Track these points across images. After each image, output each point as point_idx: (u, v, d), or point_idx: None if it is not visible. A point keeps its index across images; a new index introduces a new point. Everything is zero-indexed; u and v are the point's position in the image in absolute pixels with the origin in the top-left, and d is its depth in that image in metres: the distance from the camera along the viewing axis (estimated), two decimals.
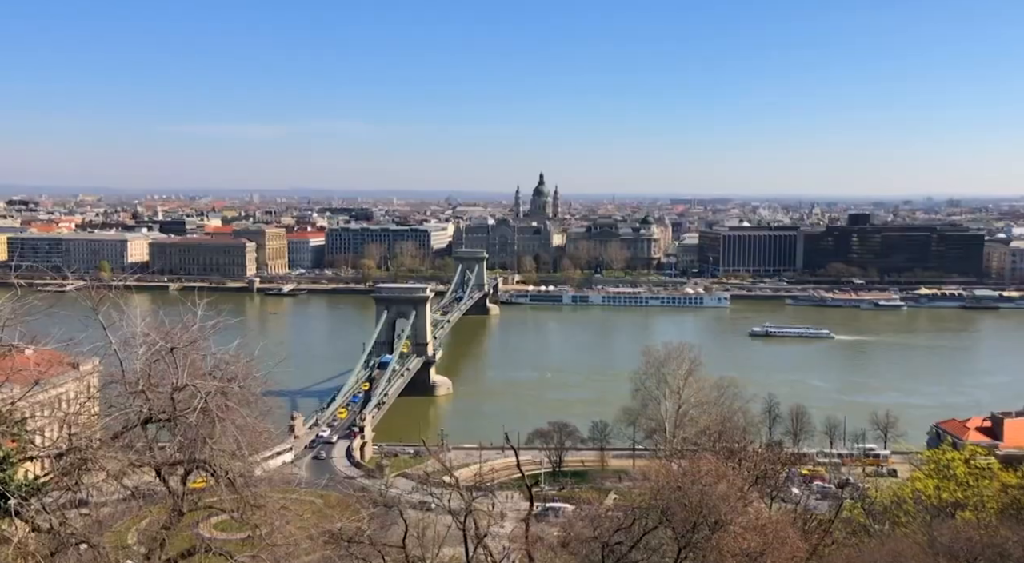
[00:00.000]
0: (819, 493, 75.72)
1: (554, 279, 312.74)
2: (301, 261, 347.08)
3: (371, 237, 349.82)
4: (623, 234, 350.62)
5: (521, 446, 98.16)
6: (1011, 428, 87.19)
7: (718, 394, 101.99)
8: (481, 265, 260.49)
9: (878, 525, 46.42)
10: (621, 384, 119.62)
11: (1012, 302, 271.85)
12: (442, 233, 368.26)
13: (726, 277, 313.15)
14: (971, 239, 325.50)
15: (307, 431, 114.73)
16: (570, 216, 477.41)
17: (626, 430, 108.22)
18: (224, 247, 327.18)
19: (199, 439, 17.77)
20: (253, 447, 19.01)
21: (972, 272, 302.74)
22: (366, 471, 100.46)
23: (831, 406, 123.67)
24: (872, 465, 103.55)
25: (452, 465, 77.43)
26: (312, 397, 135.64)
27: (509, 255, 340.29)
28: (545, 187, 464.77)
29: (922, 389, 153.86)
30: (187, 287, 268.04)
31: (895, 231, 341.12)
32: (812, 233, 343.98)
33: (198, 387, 17.63)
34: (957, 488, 50.03)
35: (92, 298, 19.05)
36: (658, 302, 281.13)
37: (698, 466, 35.97)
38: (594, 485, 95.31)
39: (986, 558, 26.00)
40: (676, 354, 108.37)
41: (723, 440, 61.98)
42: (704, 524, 30.24)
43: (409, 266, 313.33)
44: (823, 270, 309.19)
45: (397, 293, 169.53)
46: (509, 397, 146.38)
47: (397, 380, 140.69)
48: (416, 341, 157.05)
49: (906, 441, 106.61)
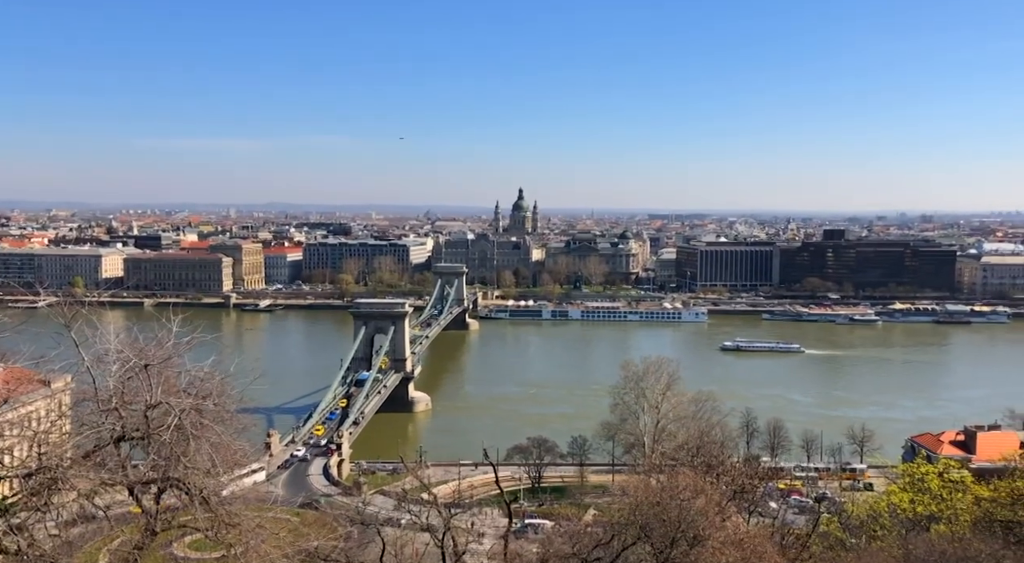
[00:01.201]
0: (796, 507, 76.09)
1: (533, 294, 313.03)
2: (278, 276, 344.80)
3: (349, 252, 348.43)
4: (602, 249, 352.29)
5: (500, 462, 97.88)
6: (984, 442, 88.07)
7: (696, 408, 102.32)
8: (460, 280, 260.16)
9: (855, 539, 46.69)
10: (600, 399, 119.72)
11: (983, 316, 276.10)
12: (421, 248, 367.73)
13: (703, 292, 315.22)
14: (943, 255, 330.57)
15: (283, 448, 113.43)
16: (549, 231, 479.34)
17: (605, 445, 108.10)
18: (200, 262, 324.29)
19: (173, 457, 17.54)
20: (228, 465, 18.80)
21: (945, 287, 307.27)
22: (343, 488, 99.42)
23: (808, 420, 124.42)
24: (849, 479, 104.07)
25: (430, 482, 77.09)
26: (289, 414, 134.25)
27: (488, 270, 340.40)
28: (524, 202, 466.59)
29: (898, 403, 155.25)
30: (162, 303, 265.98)
31: (869, 247, 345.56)
32: (788, 248, 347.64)
33: (172, 404, 17.44)
34: (931, 501, 50.53)
35: (65, 314, 18.82)
36: (637, 317, 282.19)
37: (677, 481, 36.06)
38: (573, 501, 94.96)
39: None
40: (654, 369, 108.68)
41: (701, 455, 62.09)
42: (683, 539, 30.29)
43: (388, 281, 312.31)
44: (799, 285, 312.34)
45: (375, 308, 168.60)
46: (488, 413, 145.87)
47: (375, 396, 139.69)
48: (395, 357, 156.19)
49: (882, 455, 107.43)
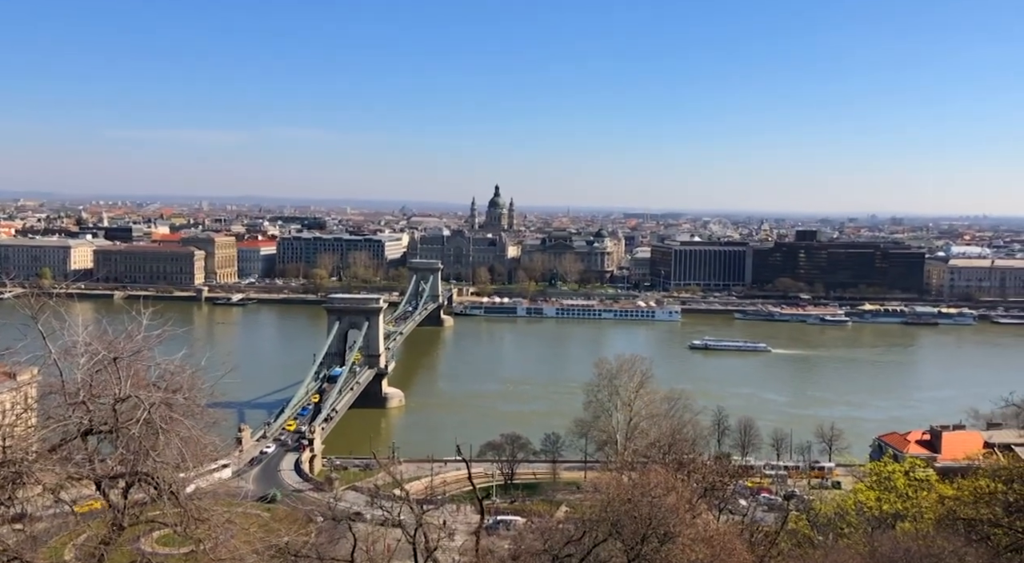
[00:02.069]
0: (766, 505, 76.92)
1: (509, 291, 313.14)
2: (251, 270, 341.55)
3: (323, 246, 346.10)
4: (577, 247, 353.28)
5: (473, 458, 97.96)
6: (949, 441, 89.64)
7: (669, 406, 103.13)
8: (436, 276, 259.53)
9: (822, 536, 47.31)
10: (574, 396, 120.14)
11: (950, 318, 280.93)
12: (396, 243, 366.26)
13: (677, 291, 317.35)
14: (912, 257, 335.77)
15: (255, 443, 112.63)
16: (525, 228, 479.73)
17: (578, 442, 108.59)
18: (172, 255, 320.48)
19: (142, 451, 17.34)
20: (198, 459, 18.63)
21: (913, 289, 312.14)
22: (315, 484, 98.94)
23: (779, 419, 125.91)
24: (817, 477, 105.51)
25: (403, 478, 76.88)
26: (260, 409, 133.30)
27: (464, 266, 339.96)
28: (501, 199, 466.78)
29: (868, 402, 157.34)
30: (132, 296, 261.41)
31: (840, 248, 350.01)
32: (761, 249, 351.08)
33: (142, 398, 17.23)
34: (897, 500, 51.30)
35: (31, 306, 18.53)
36: (611, 315, 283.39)
37: (648, 478, 36.33)
38: (546, 497, 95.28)
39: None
40: (628, 367, 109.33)
41: (673, 452, 62.68)
42: (653, 536, 30.51)
43: (362, 276, 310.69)
44: (771, 285, 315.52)
45: (349, 303, 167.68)
46: (462, 409, 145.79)
47: (348, 392, 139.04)
48: (368, 352, 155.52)
49: (850, 453, 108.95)
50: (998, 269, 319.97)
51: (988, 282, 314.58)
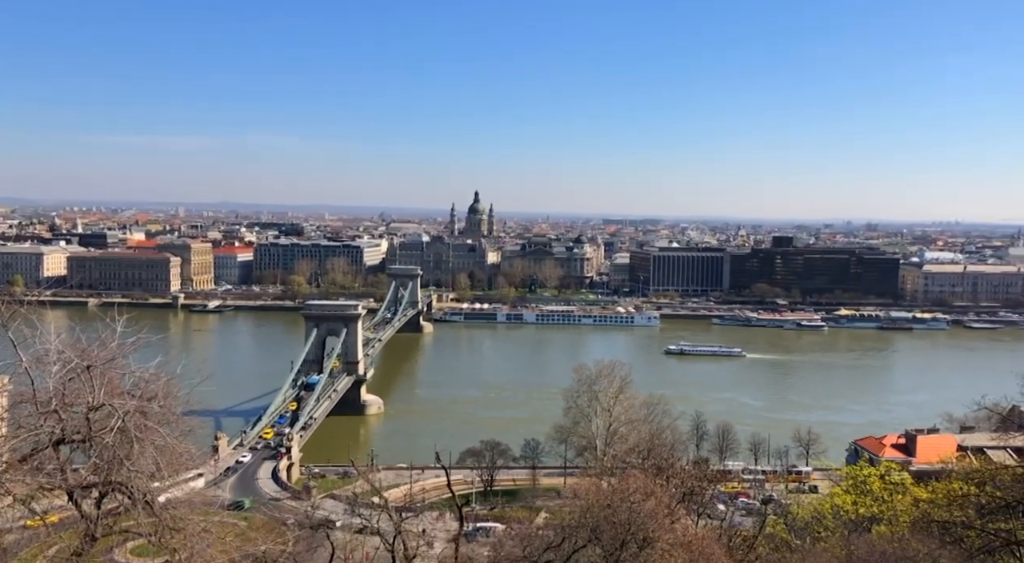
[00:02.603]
0: (744, 509, 77.40)
1: (489, 297, 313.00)
2: (228, 277, 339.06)
3: (301, 253, 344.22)
4: (557, 253, 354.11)
5: (452, 465, 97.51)
6: (923, 445, 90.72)
7: (648, 412, 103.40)
8: (415, 282, 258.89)
9: (799, 540, 47.65)
10: (554, 402, 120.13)
11: (924, 323, 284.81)
12: (375, 250, 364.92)
13: (656, 296, 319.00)
14: (887, 263, 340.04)
15: (232, 451, 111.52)
16: (505, 234, 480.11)
17: (558, 448, 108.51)
18: (147, 262, 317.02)
19: (116, 460, 17.11)
20: (173, 468, 18.42)
21: (888, 294, 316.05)
22: (292, 492, 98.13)
23: (757, 423, 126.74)
24: (794, 481, 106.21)
25: (382, 486, 76.47)
26: (237, 417, 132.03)
27: (444, 272, 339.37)
28: (480, 205, 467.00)
29: (845, 407, 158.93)
30: (107, 303, 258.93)
31: (817, 254, 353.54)
32: (738, 254, 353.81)
33: (116, 406, 17.00)
34: (873, 503, 51.90)
35: (2, 313, 18.26)
36: (590, 321, 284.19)
37: (627, 484, 36.37)
38: (525, 504, 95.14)
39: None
40: (607, 372, 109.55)
41: (652, 457, 62.69)
42: (633, 541, 30.55)
43: (341, 283, 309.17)
44: (748, 290, 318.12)
45: (328, 310, 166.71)
46: (442, 416, 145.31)
47: (326, 399, 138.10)
48: (347, 359, 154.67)
49: (827, 458, 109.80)
50: (970, 274, 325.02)
51: (961, 287, 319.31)
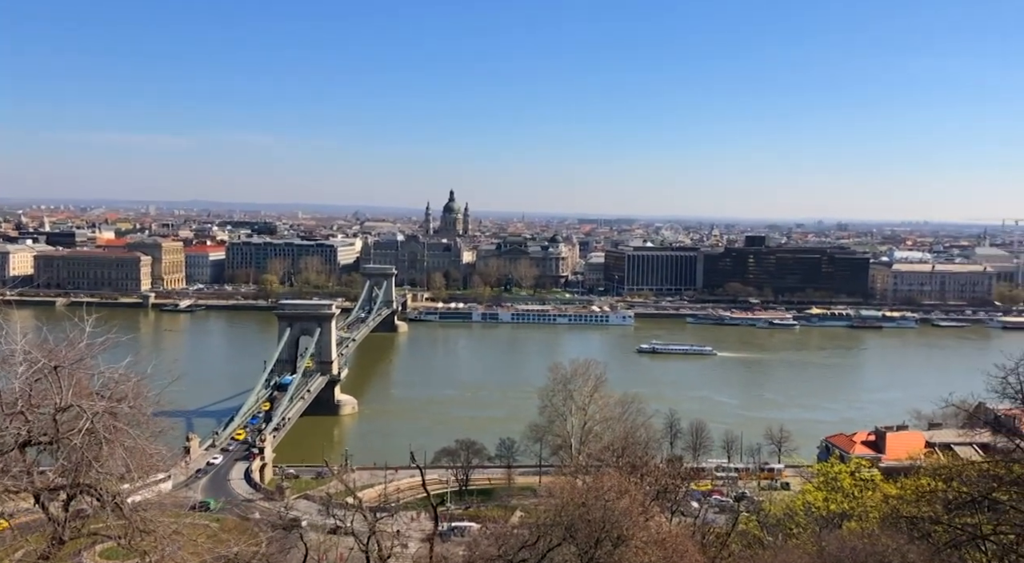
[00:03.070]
0: (717, 507, 77.96)
1: (464, 296, 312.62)
2: (200, 276, 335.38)
3: (274, 252, 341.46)
4: (532, 252, 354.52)
5: (427, 465, 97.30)
6: (893, 441, 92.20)
7: (622, 410, 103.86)
8: (389, 281, 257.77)
9: (772, 537, 48.15)
10: (530, 401, 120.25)
11: (893, 321, 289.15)
12: (349, 249, 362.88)
13: (631, 295, 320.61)
14: (858, 262, 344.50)
15: (203, 452, 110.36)
16: (480, 233, 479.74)
17: (533, 447, 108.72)
18: (117, 261, 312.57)
19: (84, 462, 16.85)
20: (144, 470, 18.20)
21: (859, 293, 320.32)
22: (265, 493, 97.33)
23: (731, 421, 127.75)
24: (767, 479, 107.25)
25: (356, 486, 76.08)
26: (209, 417, 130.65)
27: (419, 272, 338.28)
28: (456, 204, 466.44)
29: (818, 404, 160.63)
30: (75, 302, 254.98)
31: (789, 253, 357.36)
32: (711, 254, 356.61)
33: (84, 407, 16.75)
34: (844, 500, 52.57)
35: None
36: (566, 320, 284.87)
37: (602, 482, 36.52)
38: (500, 503, 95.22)
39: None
40: (582, 371, 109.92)
41: (626, 456, 63.05)
42: (607, 539, 30.69)
43: (314, 282, 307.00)
44: (722, 289, 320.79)
45: (301, 309, 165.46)
46: (417, 416, 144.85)
47: (299, 400, 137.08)
48: (320, 359, 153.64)
49: (799, 455, 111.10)
50: (938, 273, 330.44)
51: (929, 286, 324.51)
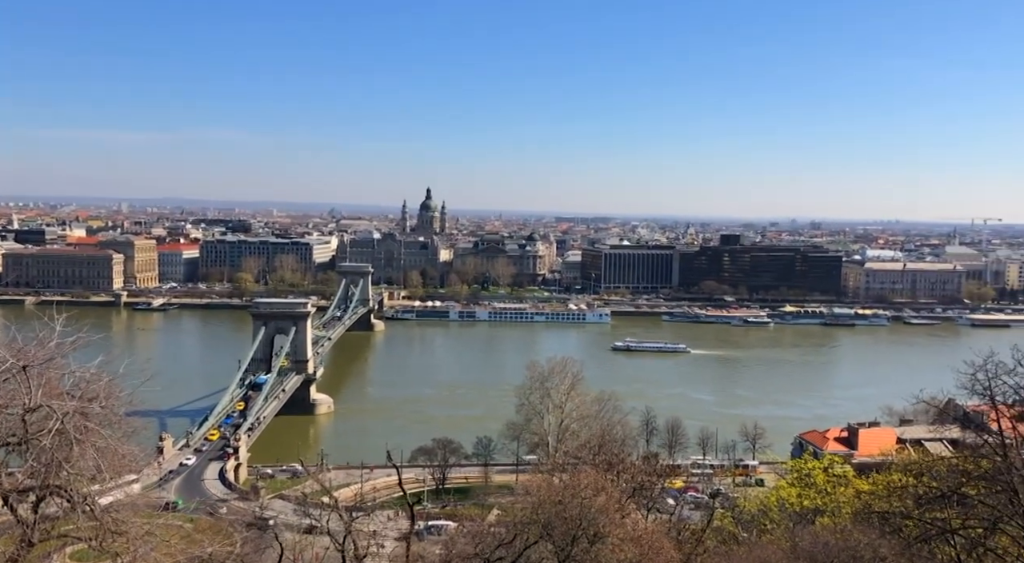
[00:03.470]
0: (692, 503, 78.60)
1: (441, 295, 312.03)
2: (173, 274, 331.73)
3: (249, 250, 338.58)
4: (509, 251, 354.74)
5: (404, 464, 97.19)
6: (865, 438, 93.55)
7: (599, 408, 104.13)
8: (366, 280, 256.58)
9: (746, 533, 48.61)
10: (508, 399, 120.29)
11: (865, 319, 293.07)
12: (325, 247, 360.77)
13: (607, 294, 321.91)
14: (831, 260, 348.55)
15: (177, 452, 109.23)
16: (457, 232, 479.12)
17: (510, 445, 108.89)
18: (88, 259, 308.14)
19: (54, 463, 16.61)
20: (116, 470, 17.97)
21: (832, 291, 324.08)
22: (240, 493, 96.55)
23: (706, 418, 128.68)
24: (742, 475, 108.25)
25: (332, 485, 75.71)
26: (183, 417, 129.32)
27: (395, 270, 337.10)
28: (432, 202, 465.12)
29: (793, 401, 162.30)
30: (45, 301, 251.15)
31: (763, 252, 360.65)
32: (687, 252, 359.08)
33: (54, 408, 16.50)
34: (817, 495, 53.24)
35: None
36: (543, 318, 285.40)
37: (578, 480, 36.62)
38: (477, 501, 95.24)
39: (841, 561, 27.69)
40: (559, 369, 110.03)
41: (603, 453, 63.30)
42: (583, 537, 30.80)
43: (289, 281, 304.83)
44: (697, 288, 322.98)
45: (276, 308, 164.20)
46: (394, 415, 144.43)
47: (274, 399, 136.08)
48: (296, 358, 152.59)
49: (773, 452, 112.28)
50: (910, 272, 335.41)
51: (901, 284, 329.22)
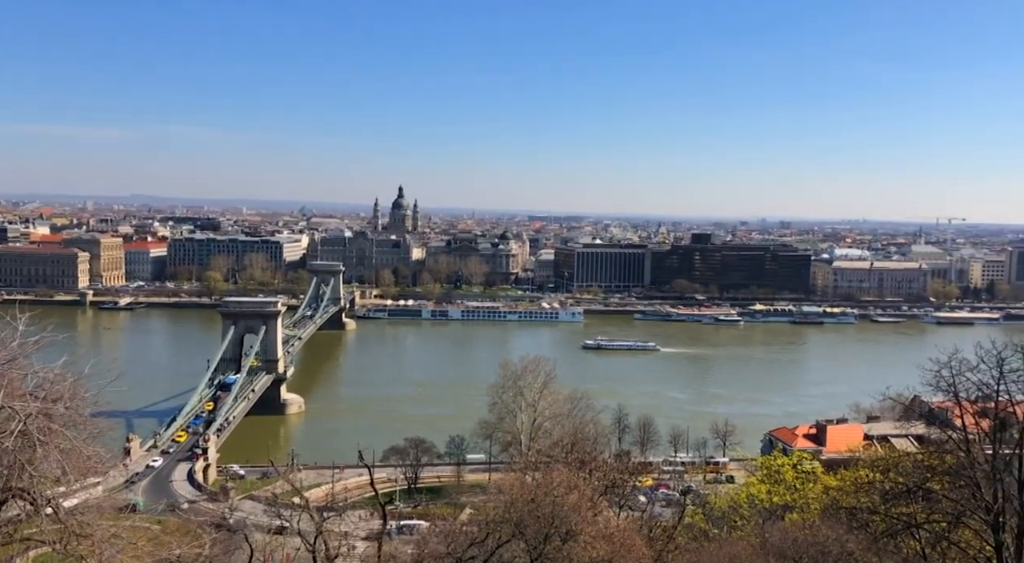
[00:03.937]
0: (664, 500, 79.10)
1: (413, 293, 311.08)
2: (140, 273, 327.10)
3: (218, 248, 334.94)
4: (482, 249, 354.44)
5: (376, 464, 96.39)
6: (833, 434, 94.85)
7: (571, 406, 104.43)
8: (337, 278, 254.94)
9: (717, 529, 49.06)
10: (481, 398, 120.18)
11: (833, 317, 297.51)
12: (296, 245, 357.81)
13: (580, 292, 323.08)
14: (800, 259, 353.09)
15: (144, 454, 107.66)
16: (430, 230, 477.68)
17: (483, 444, 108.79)
18: (53, 257, 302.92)
19: (17, 465, 16.27)
20: (81, 472, 17.65)
21: (800, 289, 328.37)
22: (209, 494, 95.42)
23: (678, 416, 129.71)
24: (712, 472, 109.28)
25: (303, 485, 75.06)
26: (151, 418, 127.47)
27: (367, 269, 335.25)
28: (404, 200, 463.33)
29: (764, 399, 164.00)
30: (8, 300, 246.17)
31: (733, 251, 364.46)
32: (659, 251, 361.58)
33: (16, 409, 16.16)
34: (786, 492, 53.97)
35: None
36: (516, 317, 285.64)
37: (551, 478, 36.66)
38: (450, 500, 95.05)
39: (810, 556, 28.08)
40: (532, 367, 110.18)
41: (575, 451, 63.39)
42: (556, 535, 30.83)
43: (259, 279, 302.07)
44: (669, 286, 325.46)
45: (246, 307, 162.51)
46: (366, 414, 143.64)
47: (243, 399, 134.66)
48: (266, 357, 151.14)
49: (743, 448, 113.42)
50: (877, 271, 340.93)
51: (868, 283, 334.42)
